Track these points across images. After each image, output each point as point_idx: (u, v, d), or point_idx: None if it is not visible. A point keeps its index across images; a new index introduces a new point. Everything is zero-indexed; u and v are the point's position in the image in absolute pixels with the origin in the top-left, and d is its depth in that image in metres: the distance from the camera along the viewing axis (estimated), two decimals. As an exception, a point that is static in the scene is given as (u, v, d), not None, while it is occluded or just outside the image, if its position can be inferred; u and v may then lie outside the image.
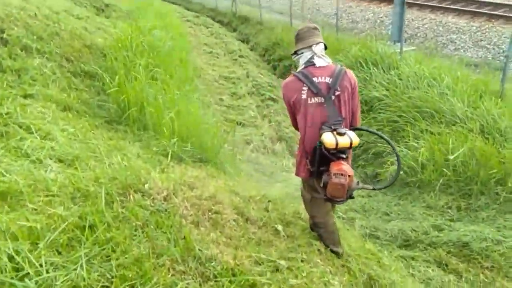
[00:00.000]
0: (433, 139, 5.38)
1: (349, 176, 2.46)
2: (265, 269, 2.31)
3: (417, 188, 5.10)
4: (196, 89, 7.23)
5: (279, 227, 2.95)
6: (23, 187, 2.10)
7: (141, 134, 4.21)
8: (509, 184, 4.55)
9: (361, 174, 5.94)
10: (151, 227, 2.17)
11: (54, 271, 1.68)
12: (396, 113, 6.42)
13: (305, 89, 2.63)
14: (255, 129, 7.33)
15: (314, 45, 2.71)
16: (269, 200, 3.35)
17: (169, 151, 3.79)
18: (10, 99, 3.36)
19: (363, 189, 2.84)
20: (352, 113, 2.75)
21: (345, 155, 2.58)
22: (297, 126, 2.82)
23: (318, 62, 2.69)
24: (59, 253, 1.80)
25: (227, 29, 16.04)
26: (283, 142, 7.03)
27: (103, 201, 2.19)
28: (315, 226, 3.04)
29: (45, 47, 4.90)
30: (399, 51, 8.31)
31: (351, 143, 2.48)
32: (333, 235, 3.00)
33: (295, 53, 2.81)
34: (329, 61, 2.75)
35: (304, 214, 3.31)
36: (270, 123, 7.63)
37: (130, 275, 1.82)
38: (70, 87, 4.58)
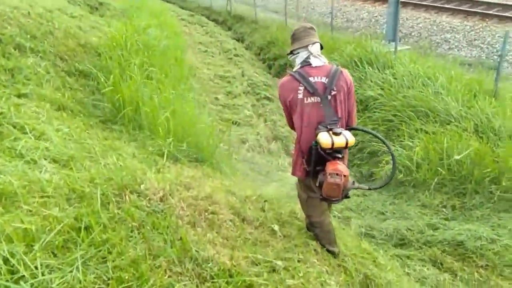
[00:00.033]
0: (428, 138, 5.40)
1: (345, 176, 2.47)
2: (262, 269, 2.30)
3: (412, 187, 5.12)
4: (191, 88, 7.20)
5: (276, 227, 2.94)
6: (17, 188, 2.07)
7: (136, 133, 4.18)
8: (503, 183, 4.58)
9: (356, 173, 5.96)
10: (148, 228, 2.16)
11: (49, 273, 1.67)
12: (391, 112, 6.45)
13: (302, 88, 2.63)
14: (251, 128, 7.32)
15: (310, 45, 2.72)
16: (265, 200, 3.35)
17: (164, 151, 3.77)
18: (3, 99, 3.32)
19: (359, 189, 2.84)
20: (348, 113, 2.76)
21: (341, 155, 2.58)
22: (293, 125, 2.82)
23: (314, 62, 2.69)
24: (55, 255, 1.78)
25: (222, 28, 16.02)
26: (279, 141, 7.03)
27: (99, 202, 2.17)
28: (311, 225, 3.05)
29: (38, 46, 4.86)
30: (394, 50, 8.35)
31: (347, 143, 2.49)
32: (329, 234, 3.01)
33: (291, 52, 2.82)
34: (325, 61, 2.76)
35: (300, 213, 3.31)
36: (265, 122, 7.63)
37: (126, 277, 1.81)
38: (64, 87, 4.55)
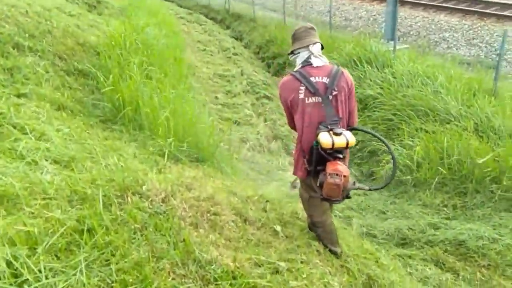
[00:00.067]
0: (428, 137, 5.39)
1: (345, 176, 2.46)
2: (265, 271, 2.29)
3: (413, 186, 5.11)
4: (191, 88, 7.17)
5: (278, 228, 2.93)
6: (19, 190, 2.06)
7: (136, 133, 4.15)
8: (504, 182, 4.57)
9: (356, 172, 5.94)
10: (150, 230, 2.14)
11: (53, 276, 1.65)
12: (390, 111, 6.44)
13: (303, 88, 2.62)
14: (251, 127, 7.30)
15: (311, 45, 2.72)
16: (267, 200, 3.33)
17: (165, 151, 3.75)
18: (3, 99, 3.30)
19: (359, 189, 2.84)
20: (349, 113, 2.76)
21: (342, 155, 2.57)
22: (294, 125, 2.82)
23: (315, 62, 2.69)
24: (58, 258, 1.76)
25: (221, 27, 15.98)
26: (279, 140, 7.01)
27: (101, 203, 2.15)
28: (313, 225, 3.04)
29: (37, 45, 4.83)
30: (393, 49, 8.33)
31: (348, 143, 2.48)
32: (331, 234, 3.00)
33: (292, 52, 2.81)
34: (326, 61, 2.76)
35: (302, 214, 3.30)
36: (265, 121, 7.60)
37: (130, 279, 1.80)
38: (63, 86, 4.52)
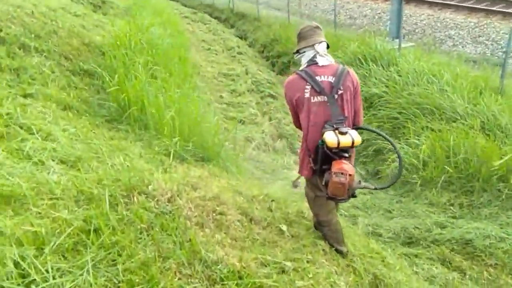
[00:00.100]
0: (434, 136, 5.37)
1: (350, 175, 2.45)
2: (271, 271, 2.29)
3: (419, 185, 5.08)
4: (195, 87, 7.17)
5: (284, 227, 2.93)
6: (26, 190, 2.07)
7: (142, 133, 4.16)
8: (511, 181, 4.54)
9: (362, 171, 5.93)
10: (156, 229, 2.15)
11: (60, 277, 1.66)
12: (396, 110, 6.41)
13: (308, 87, 2.62)
14: (256, 126, 7.29)
15: (316, 44, 2.71)
16: (272, 199, 3.33)
17: (171, 151, 3.76)
18: (10, 99, 3.31)
19: (365, 188, 2.83)
20: (354, 112, 2.75)
21: (347, 154, 2.57)
22: (299, 124, 2.81)
23: (321, 61, 2.68)
24: (65, 258, 1.77)
25: (225, 26, 15.98)
26: (284, 139, 7.00)
27: (107, 203, 2.16)
28: (319, 224, 3.04)
29: (43, 45, 4.85)
30: (398, 47, 8.29)
31: (353, 142, 2.47)
32: (337, 233, 3.00)
33: (298, 51, 2.80)
34: (332, 60, 2.74)
35: (307, 213, 3.29)
36: (270, 120, 7.59)
37: (136, 279, 1.80)
38: (69, 86, 4.54)
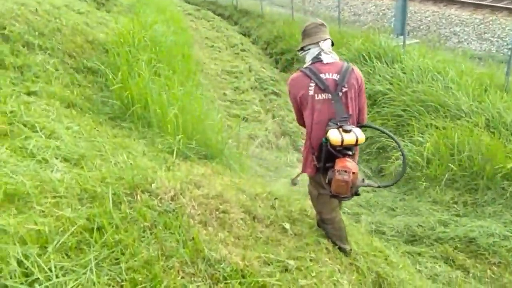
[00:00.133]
0: (438, 133, 5.34)
1: (353, 173, 2.45)
2: (274, 269, 2.29)
3: (423, 183, 5.06)
4: (199, 84, 7.16)
5: (287, 225, 2.93)
6: (29, 189, 2.07)
7: (145, 131, 4.16)
8: (515, 179, 4.52)
9: (365, 169, 5.91)
10: (160, 228, 2.15)
11: (63, 275, 1.66)
12: (400, 107, 6.38)
13: (313, 85, 2.61)
14: (259, 124, 7.28)
15: (321, 42, 2.70)
16: (275, 197, 3.33)
17: (174, 148, 3.76)
18: (13, 97, 3.33)
19: (368, 186, 2.82)
20: (358, 110, 2.74)
21: (351, 152, 2.56)
22: (303, 122, 2.80)
23: (325, 58, 2.67)
24: (68, 257, 1.77)
25: (228, 23, 15.93)
26: (287, 137, 6.99)
27: (111, 202, 2.16)
28: (322, 222, 3.03)
29: (47, 43, 4.86)
30: (402, 44, 8.24)
31: (357, 140, 2.47)
32: (340, 231, 2.99)
33: (302, 49, 2.79)
34: (337, 57, 2.73)
35: (310, 211, 3.29)
36: (273, 117, 7.58)
37: (139, 278, 1.80)
38: (73, 84, 4.55)
